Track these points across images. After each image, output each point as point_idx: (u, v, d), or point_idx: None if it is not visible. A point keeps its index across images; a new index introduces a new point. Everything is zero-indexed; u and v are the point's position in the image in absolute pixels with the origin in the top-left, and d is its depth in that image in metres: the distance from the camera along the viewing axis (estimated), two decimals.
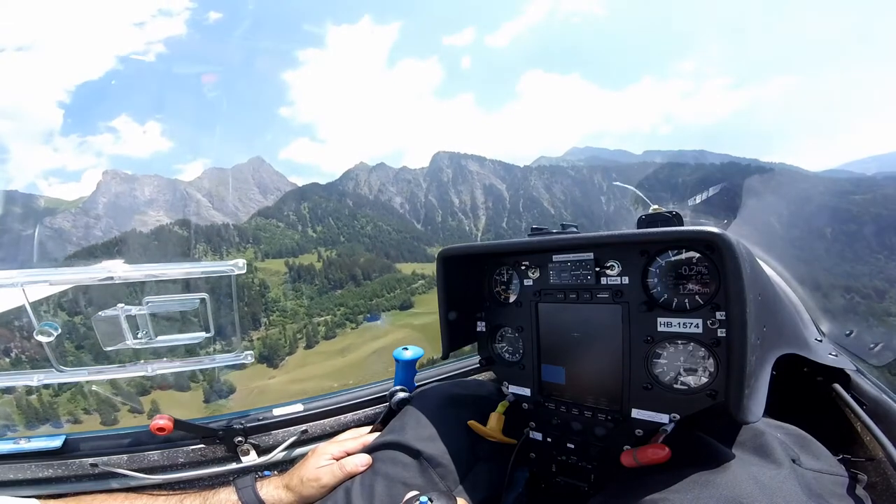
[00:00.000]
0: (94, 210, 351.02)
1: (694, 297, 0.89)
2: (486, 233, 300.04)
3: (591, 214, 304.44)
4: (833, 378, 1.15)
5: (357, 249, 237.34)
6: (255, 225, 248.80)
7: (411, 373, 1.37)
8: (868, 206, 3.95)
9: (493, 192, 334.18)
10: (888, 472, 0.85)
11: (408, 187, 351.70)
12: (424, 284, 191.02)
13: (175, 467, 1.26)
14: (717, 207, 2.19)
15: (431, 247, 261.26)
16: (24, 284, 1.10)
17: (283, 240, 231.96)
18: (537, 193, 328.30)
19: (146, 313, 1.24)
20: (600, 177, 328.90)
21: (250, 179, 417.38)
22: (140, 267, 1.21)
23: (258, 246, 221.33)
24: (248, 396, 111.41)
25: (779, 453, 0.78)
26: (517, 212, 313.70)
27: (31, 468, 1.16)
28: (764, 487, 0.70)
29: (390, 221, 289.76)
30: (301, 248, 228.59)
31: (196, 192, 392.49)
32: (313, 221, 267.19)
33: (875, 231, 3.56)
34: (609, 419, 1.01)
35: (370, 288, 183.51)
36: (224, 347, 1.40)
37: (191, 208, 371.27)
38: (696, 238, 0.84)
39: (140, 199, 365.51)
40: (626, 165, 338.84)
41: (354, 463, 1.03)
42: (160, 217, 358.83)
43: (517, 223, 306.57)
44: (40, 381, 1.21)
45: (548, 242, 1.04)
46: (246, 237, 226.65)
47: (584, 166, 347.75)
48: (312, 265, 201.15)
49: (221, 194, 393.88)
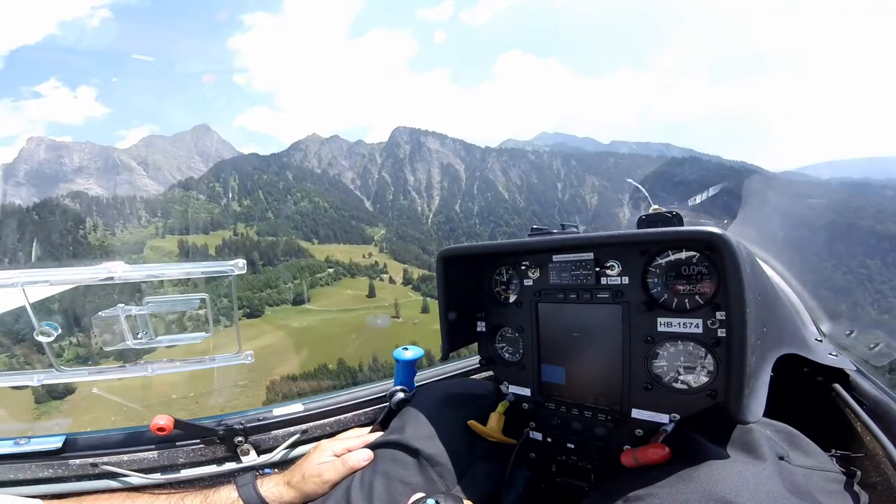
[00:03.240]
0: (13, 177, 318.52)
1: (694, 298, 0.89)
2: (438, 214, 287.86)
3: (545, 201, 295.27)
4: (833, 378, 1.15)
5: (283, 227, 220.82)
6: (171, 197, 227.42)
7: (411, 373, 1.37)
8: (822, 210, 3.03)
9: (450, 172, 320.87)
10: (888, 471, 0.85)
11: (361, 162, 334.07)
12: (331, 275, 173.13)
13: (175, 467, 1.25)
14: (717, 207, 2.26)
15: (373, 227, 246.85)
16: (24, 284, 1.10)
17: (198, 214, 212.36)
18: (493, 176, 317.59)
19: (146, 313, 1.25)
20: (559, 163, 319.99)
21: (192, 147, 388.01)
22: (140, 267, 1.22)
23: (166, 220, 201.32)
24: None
25: (764, 450, 0.78)
26: (471, 194, 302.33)
27: (31, 468, 1.16)
28: (747, 483, 0.70)
29: (330, 198, 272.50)
30: (216, 224, 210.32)
31: (131, 160, 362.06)
32: (241, 195, 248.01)
33: (877, 239, 3.01)
34: (609, 419, 1.01)
35: (266, 276, 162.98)
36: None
37: (123, 177, 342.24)
38: (696, 238, 0.84)
39: (68, 166, 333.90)
40: (590, 154, 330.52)
41: (356, 458, 1.04)
42: (89, 185, 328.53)
43: (470, 206, 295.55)
44: (40, 381, 1.21)
45: (548, 242, 1.04)
46: (154, 211, 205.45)
47: (546, 152, 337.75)
48: (207, 245, 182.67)
49: (158, 163, 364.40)
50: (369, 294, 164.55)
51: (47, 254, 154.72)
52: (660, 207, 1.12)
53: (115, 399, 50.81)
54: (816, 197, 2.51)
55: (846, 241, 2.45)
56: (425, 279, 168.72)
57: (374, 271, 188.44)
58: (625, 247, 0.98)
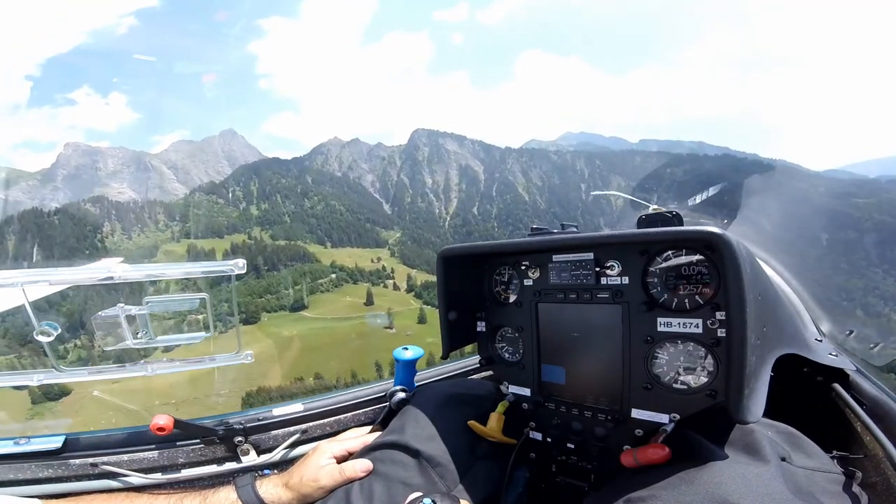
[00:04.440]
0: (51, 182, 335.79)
1: (694, 298, 0.89)
2: (455, 217, 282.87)
3: (567, 202, 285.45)
4: (833, 378, 1.15)
5: (298, 231, 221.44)
6: (191, 202, 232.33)
7: (411, 373, 1.37)
8: (871, 210, 3.80)
9: (468, 174, 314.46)
10: (888, 471, 0.85)
11: (381, 165, 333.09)
12: (334, 281, 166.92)
13: (175, 467, 1.26)
14: (717, 207, 2.25)
15: (388, 230, 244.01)
16: (24, 284, 1.10)
17: (217, 218, 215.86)
18: (513, 177, 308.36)
19: (146, 313, 1.25)
20: (583, 163, 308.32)
21: (220, 152, 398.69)
22: (140, 267, 1.22)
23: (185, 224, 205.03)
24: None
25: (767, 451, 0.78)
26: (490, 196, 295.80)
27: (31, 468, 1.16)
28: (749, 485, 0.70)
29: (347, 200, 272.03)
30: (234, 228, 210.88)
31: (161, 164, 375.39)
32: (260, 198, 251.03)
33: (877, 240, 3.45)
34: (609, 419, 1.01)
35: (268, 281, 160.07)
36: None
37: (153, 181, 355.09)
38: (696, 238, 0.84)
39: (103, 171, 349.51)
40: (615, 153, 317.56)
41: (354, 469, 1.03)
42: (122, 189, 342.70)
43: (488, 208, 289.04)
44: (40, 381, 1.21)
45: (548, 242, 1.05)
46: (173, 215, 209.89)
47: (569, 152, 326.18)
48: (214, 249, 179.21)
49: (187, 167, 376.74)
50: (367, 302, 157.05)
51: (62, 256, 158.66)
52: (660, 207, 1.11)
53: (112, 400, 49.92)
54: (864, 196, 2.40)
55: (878, 247, 2.31)
56: (428, 286, 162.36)
57: (380, 277, 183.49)
58: (625, 247, 0.98)
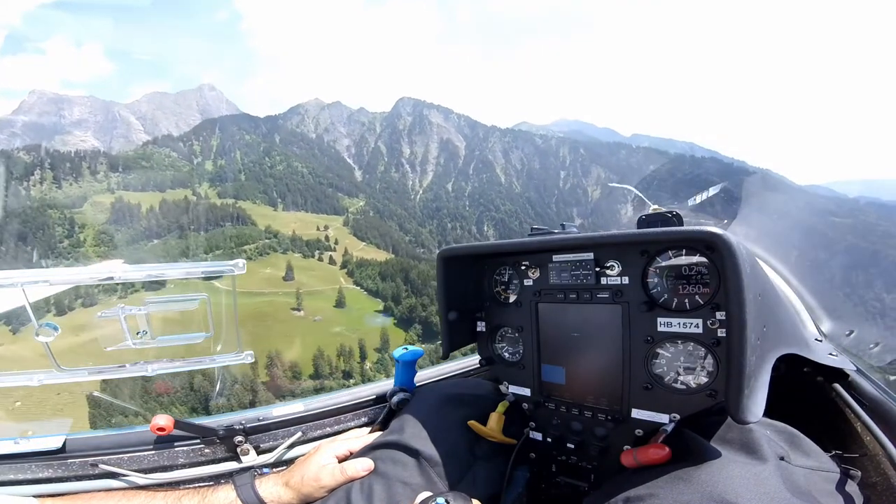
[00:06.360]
0: (9, 128, 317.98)
1: (694, 298, 0.90)
2: (428, 191, 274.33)
3: (544, 189, 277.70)
4: (833, 378, 1.15)
5: (251, 190, 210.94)
6: (141, 153, 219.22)
7: (411, 373, 1.38)
8: (846, 231, 2.92)
9: (448, 149, 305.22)
10: (888, 471, 0.86)
11: (360, 130, 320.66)
12: (260, 248, 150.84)
13: (175, 467, 1.26)
14: (717, 207, 2.30)
15: (352, 198, 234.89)
16: (24, 284, 1.10)
17: (165, 172, 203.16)
18: (493, 157, 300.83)
19: (146, 313, 1.24)
20: (567, 150, 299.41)
21: (194, 105, 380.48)
22: (140, 267, 1.22)
23: (127, 176, 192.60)
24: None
25: (765, 450, 0.78)
26: (466, 174, 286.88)
27: (31, 468, 1.16)
28: (748, 483, 0.71)
29: (313, 163, 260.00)
30: (180, 182, 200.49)
31: (130, 114, 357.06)
32: (218, 154, 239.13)
33: (846, 263, 2.67)
34: (609, 419, 1.02)
35: (187, 243, 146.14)
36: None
37: (119, 131, 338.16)
38: (696, 238, 0.84)
39: (67, 119, 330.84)
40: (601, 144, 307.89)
41: (356, 468, 1.04)
42: (85, 138, 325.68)
43: (463, 185, 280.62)
44: (40, 381, 1.21)
45: (548, 242, 1.05)
46: (116, 167, 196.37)
47: (555, 137, 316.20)
48: (140, 203, 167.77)
49: (157, 118, 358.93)
50: (285, 276, 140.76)
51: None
52: (660, 207, 1.13)
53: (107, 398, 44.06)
54: (840, 216, 2.45)
55: (851, 251, 2.40)
56: (363, 264, 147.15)
57: (318, 248, 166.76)
58: (625, 247, 0.98)
